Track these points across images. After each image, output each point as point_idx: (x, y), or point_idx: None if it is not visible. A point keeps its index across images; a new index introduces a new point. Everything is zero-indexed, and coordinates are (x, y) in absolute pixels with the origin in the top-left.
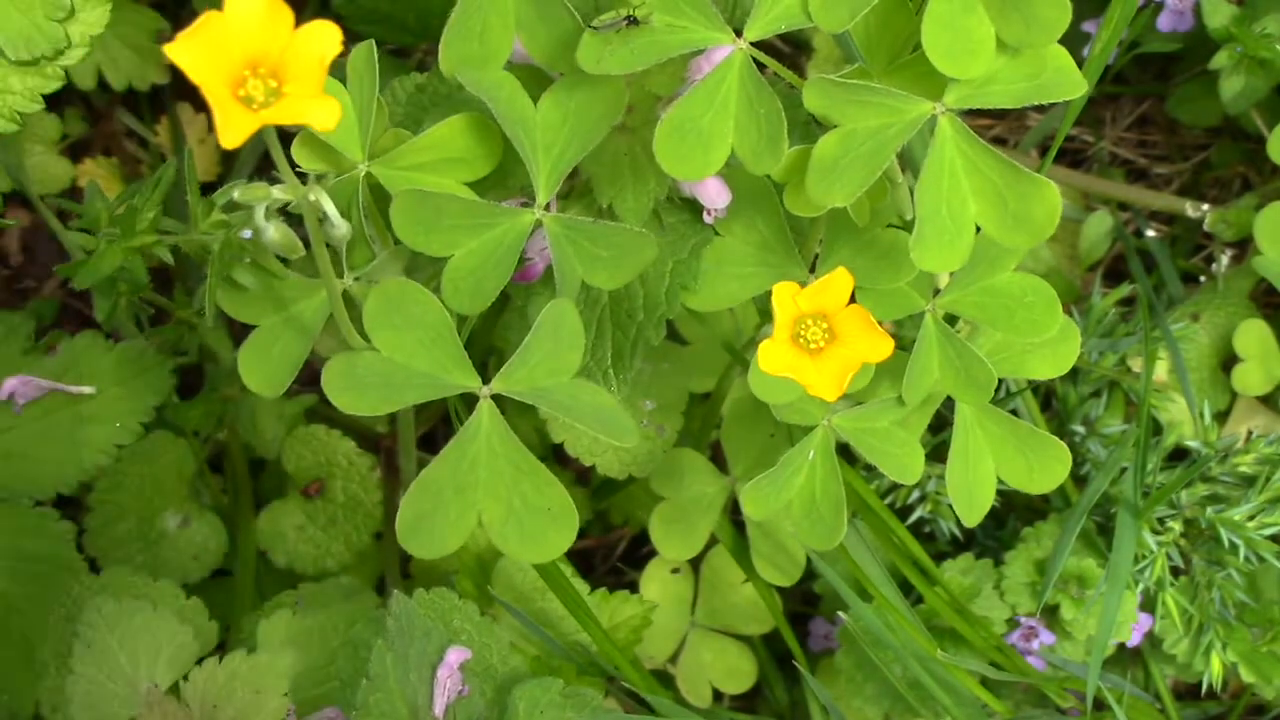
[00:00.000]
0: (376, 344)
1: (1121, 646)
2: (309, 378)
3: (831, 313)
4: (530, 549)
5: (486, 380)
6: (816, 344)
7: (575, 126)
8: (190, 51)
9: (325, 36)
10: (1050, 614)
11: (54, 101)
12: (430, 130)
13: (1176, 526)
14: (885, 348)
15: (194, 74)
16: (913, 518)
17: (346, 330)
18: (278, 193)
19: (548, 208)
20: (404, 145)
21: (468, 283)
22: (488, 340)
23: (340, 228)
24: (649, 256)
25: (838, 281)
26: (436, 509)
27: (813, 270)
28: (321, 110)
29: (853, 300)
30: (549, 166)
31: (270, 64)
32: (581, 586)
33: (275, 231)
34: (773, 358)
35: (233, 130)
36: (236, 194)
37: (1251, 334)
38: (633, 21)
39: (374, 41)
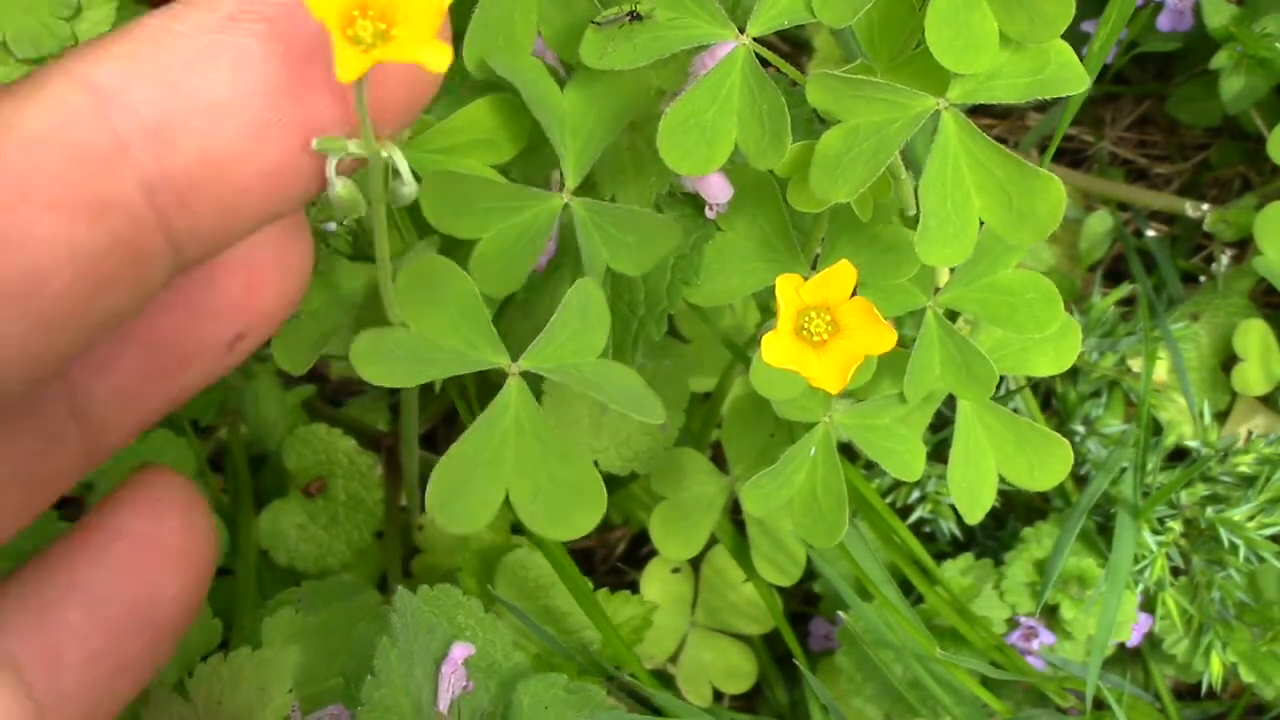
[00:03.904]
0: (407, 320)
1: (1121, 646)
2: (311, 376)
3: (835, 305)
4: (557, 526)
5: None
6: (820, 336)
7: (601, 112)
8: None
9: None
10: (1050, 614)
11: None
12: (461, 111)
13: (1176, 526)
14: (889, 339)
15: (316, 8)
16: (913, 517)
17: (388, 301)
18: (353, 147)
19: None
20: (435, 127)
21: (496, 265)
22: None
23: (410, 185)
24: (673, 243)
25: (841, 274)
26: (466, 483)
27: (814, 267)
28: (434, 52)
29: (855, 294)
30: (577, 150)
31: (379, 6)
32: (583, 586)
33: (343, 188)
34: (776, 350)
35: (348, 66)
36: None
37: (1251, 334)
38: (635, 17)
39: None
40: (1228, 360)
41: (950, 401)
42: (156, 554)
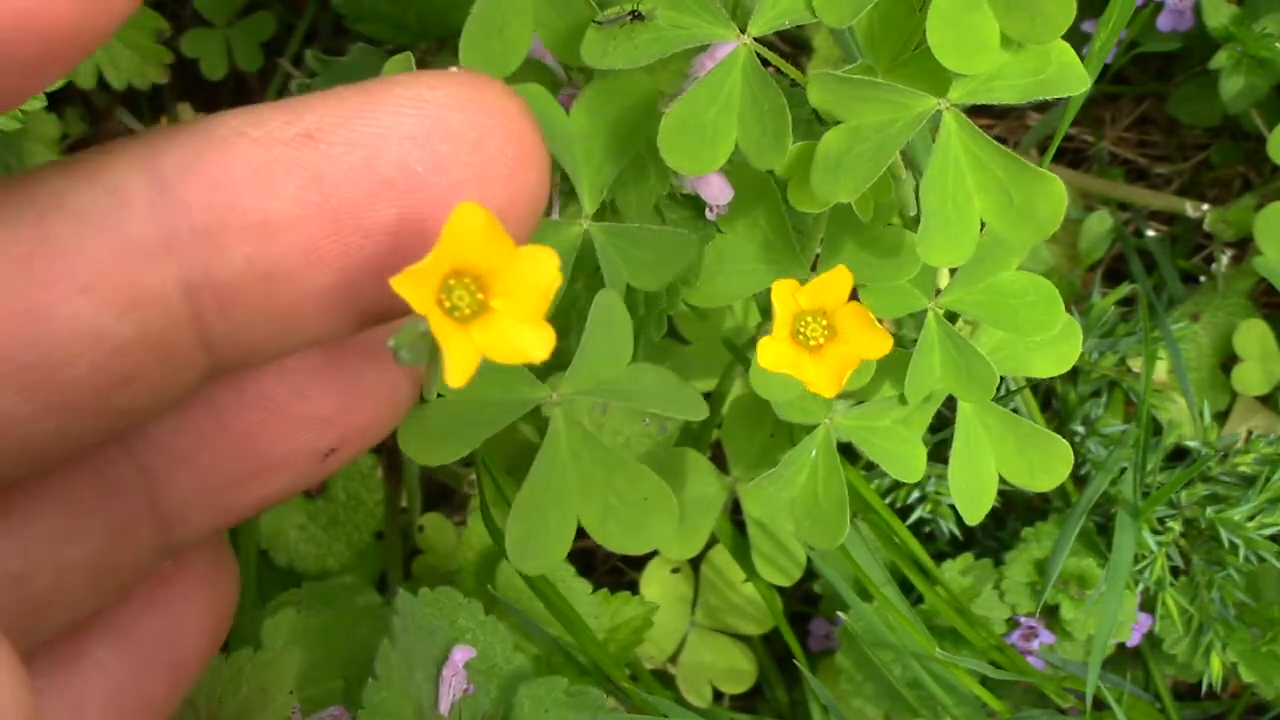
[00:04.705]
0: (443, 390)
1: (1121, 646)
2: None
3: (831, 310)
4: (634, 540)
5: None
6: (816, 341)
7: (611, 136)
8: (416, 285)
9: (547, 266)
10: (1050, 614)
11: (54, 101)
12: None
13: (1176, 526)
14: (884, 345)
15: (419, 306)
16: (913, 518)
17: (427, 386)
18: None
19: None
20: None
21: None
22: None
23: None
24: (690, 256)
25: (838, 279)
26: (539, 526)
27: (814, 268)
28: (537, 337)
29: (853, 298)
30: (590, 176)
31: (474, 274)
32: (583, 586)
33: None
34: (772, 354)
35: (462, 370)
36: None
37: (1251, 334)
38: (637, 17)
39: (410, 55)
40: (1228, 360)
41: (950, 402)
42: (183, 592)
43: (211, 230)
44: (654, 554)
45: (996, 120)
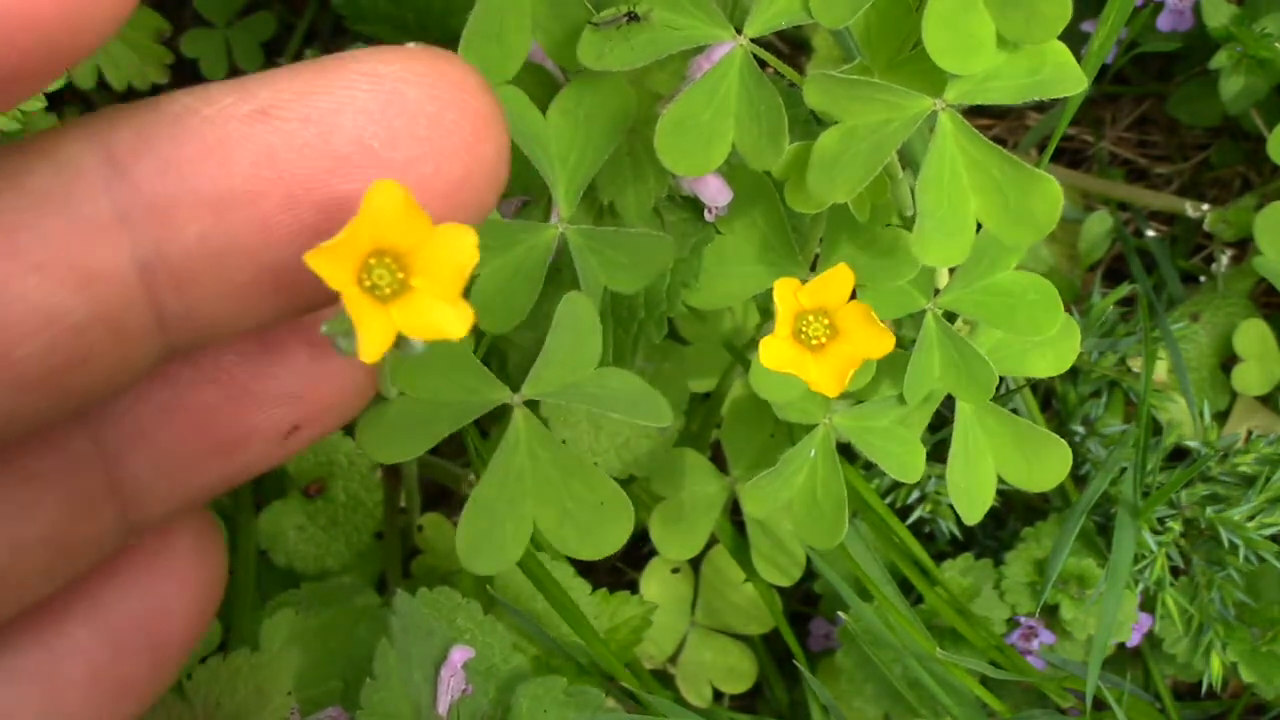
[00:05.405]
0: (404, 388)
1: (1121, 646)
2: None
3: (833, 309)
4: (590, 546)
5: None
6: (818, 340)
7: (588, 136)
8: (332, 261)
9: (464, 244)
10: (1050, 614)
11: (54, 101)
12: None
13: (1176, 526)
14: (886, 343)
15: (334, 282)
16: (913, 518)
17: (383, 384)
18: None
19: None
20: None
21: (497, 300)
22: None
23: (419, 345)
24: (667, 259)
25: (839, 277)
26: (492, 527)
27: (813, 269)
28: (455, 314)
29: (852, 297)
30: (566, 178)
31: (396, 254)
32: (582, 586)
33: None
34: (774, 353)
35: (375, 345)
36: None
37: (1251, 334)
38: (633, 18)
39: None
40: (1228, 360)
41: (949, 402)
42: (166, 571)
43: (165, 208)
44: (654, 553)
45: (996, 121)
